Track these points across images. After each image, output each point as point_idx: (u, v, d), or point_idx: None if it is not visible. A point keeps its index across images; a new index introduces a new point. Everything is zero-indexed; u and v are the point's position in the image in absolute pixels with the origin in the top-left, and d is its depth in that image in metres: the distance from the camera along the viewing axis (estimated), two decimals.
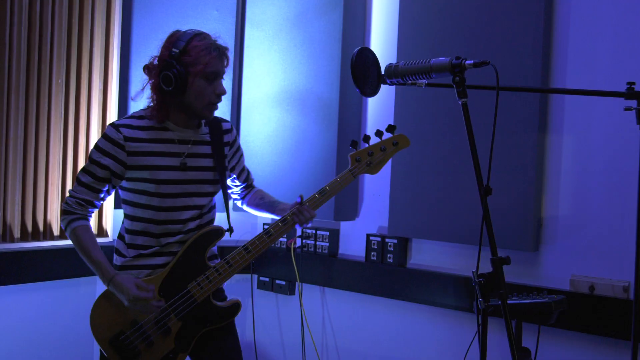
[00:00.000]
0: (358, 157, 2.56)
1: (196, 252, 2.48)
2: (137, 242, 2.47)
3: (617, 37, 2.90)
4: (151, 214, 2.43)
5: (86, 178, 2.41)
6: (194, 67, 2.34)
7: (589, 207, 2.96)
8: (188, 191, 2.46)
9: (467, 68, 1.76)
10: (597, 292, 2.87)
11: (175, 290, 2.44)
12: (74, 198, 2.42)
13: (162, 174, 2.40)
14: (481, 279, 1.68)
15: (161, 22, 3.77)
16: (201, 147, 2.52)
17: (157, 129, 2.43)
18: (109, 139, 2.38)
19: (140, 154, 2.38)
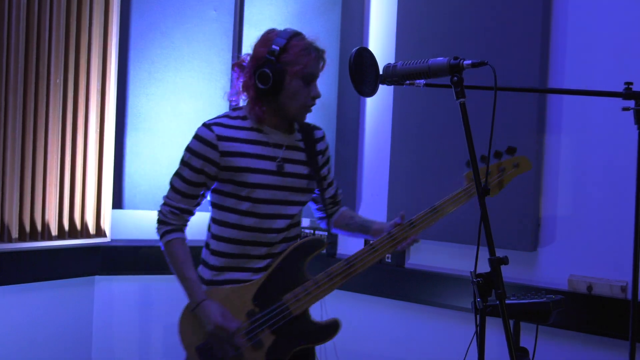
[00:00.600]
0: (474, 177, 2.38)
1: (295, 262, 2.29)
2: (222, 250, 2.30)
3: (614, 37, 2.91)
4: (239, 219, 2.26)
5: (179, 184, 2.27)
6: (292, 66, 2.19)
7: (587, 208, 2.96)
8: (282, 198, 2.29)
9: (465, 68, 1.76)
10: (595, 292, 2.88)
11: (270, 301, 2.26)
12: (168, 206, 2.28)
13: (257, 177, 2.23)
14: (479, 279, 1.68)
15: (159, 22, 3.77)
16: (295, 152, 2.34)
17: (251, 130, 2.28)
18: (200, 139, 2.24)
19: (234, 154, 2.23)
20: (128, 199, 3.76)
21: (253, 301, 2.25)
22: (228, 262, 2.29)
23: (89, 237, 3.62)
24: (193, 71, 3.84)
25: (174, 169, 3.75)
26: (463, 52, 1.91)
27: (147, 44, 3.77)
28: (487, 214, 1.69)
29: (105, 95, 3.67)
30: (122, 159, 3.75)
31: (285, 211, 2.30)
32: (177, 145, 3.79)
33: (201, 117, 3.83)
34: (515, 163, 2.39)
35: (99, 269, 3.77)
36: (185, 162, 2.27)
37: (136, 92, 3.77)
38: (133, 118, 3.77)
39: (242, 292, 2.25)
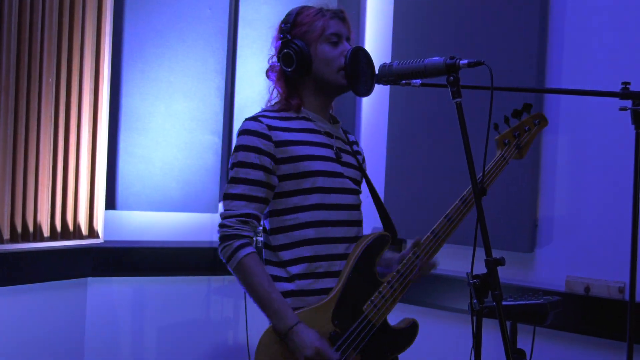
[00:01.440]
0: (506, 140, 2.27)
1: (366, 266, 2.07)
2: (300, 255, 2.03)
3: (612, 36, 2.92)
4: (311, 215, 2.03)
5: (239, 188, 1.99)
6: (312, 33, 2.06)
7: (585, 208, 2.97)
8: (348, 186, 2.12)
9: (461, 68, 1.76)
10: (593, 293, 2.89)
11: (351, 317, 2.02)
12: (233, 217, 1.97)
13: (319, 165, 2.04)
14: (476, 280, 1.69)
15: (153, 21, 3.77)
16: (343, 144, 2.19)
17: (297, 119, 2.10)
18: (251, 132, 2.01)
19: (288, 143, 2.02)
20: (121, 200, 3.75)
21: (333, 321, 2.00)
22: (312, 267, 2.03)
23: (82, 238, 3.61)
24: (187, 70, 3.84)
25: (168, 169, 3.80)
26: (460, 52, 1.91)
27: (140, 43, 3.77)
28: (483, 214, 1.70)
29: (99, 94, 3.66)
30: (115, 159, 3.74)
31: (354, 201, 2.15)
32: (171, 146, 3.82)
33: (195, 117, 3.87)
34: (537, 120, 2.35)
35: (91, 271, 3.76)
36: (238, 162, 2.01)
37: (130, 91, 3.77)
38: (126, 118, 3.76)
39: (320, 313, 1.99)
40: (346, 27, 2.14)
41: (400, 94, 3.46)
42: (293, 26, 2.09)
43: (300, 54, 2.05)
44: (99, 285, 3.84)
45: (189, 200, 3.86)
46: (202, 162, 3.88)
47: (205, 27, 3.87)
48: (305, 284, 2.02)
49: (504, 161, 2.25)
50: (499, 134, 2.29)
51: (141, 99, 3.78)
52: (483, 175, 2.06)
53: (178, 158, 3.84)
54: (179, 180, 3.83)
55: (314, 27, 2.07)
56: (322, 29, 2.07)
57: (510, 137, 2.30)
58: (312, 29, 2.07)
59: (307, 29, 2.07)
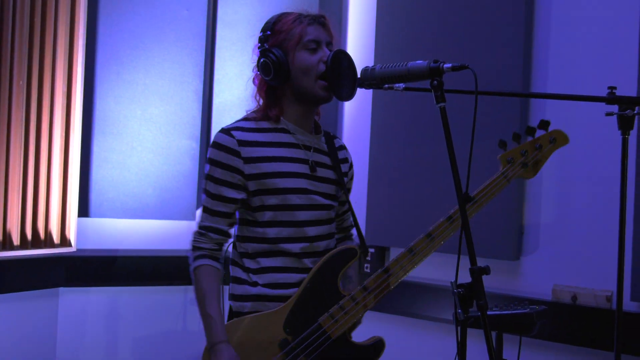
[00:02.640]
0: (510, 158, 2.24)
1: (326, 277, 2.11)
2: (264, 266, 2.11)
3: (598, 40, 2.95)
4: (277, 231, 2.10)
5: (206, 201, 2.10)
6: (289, 41, 2.06)
7: (571, 215, 2.99)
8: (317, 202, 2.14)
9: (445, 72, 1.77)
10: (580, 302, 2.90)
11: (304, 326, 2.08)
12: (197, 229, 2.13)
13: (289, 182, 2.08)
14: (460, 289, 1.69)
15: (128, 22, 3.76)
16: (323, 156, 2.20)
17: (274, 131, 2.12)
18: (219, 147, 2.07)
19: (259, 159, 2.07)
20: (95, 207, 3.73)
21: (285, 329, 2.07)
22: (276, 278, 2.10)
23: (53, 246, 3.58)
24: (164, 73, 3.83)
25: (143, 175, 3.78)
26: (444, 55, 1.92)
27: (115, 44, 3.75)
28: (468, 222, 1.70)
29: (72, 97, 3.64)
30: (89, 164, 3.72)
31: (323, 216, 2.17)
32: (147, 151, 3.80)
33: (172, 121, 3.85)
34: (552, 137, 2.28)
35: (63, 281, 3.73)
36: (207, 175, 2.10)
37: (104, 94, 3.75)
38: (100, 122, 3.74)
39: (271, 320, 2.07)
40: (327, 33, 2.13)
41: (383, 98, 3.47)
42: (272, 34, 2.10)
43: (277, 63, 2.06)
44: (72, 296, 3.80)
45: (165, 207, 3.84)
46: (179, 168, 3.86)
47: (182, 28, 3.86)
48: (265, 292, 2.10)
49: (505, 179, 2.22)
50: (504, 151, 2.25)
51: (116, 103, 3.76)
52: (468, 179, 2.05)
53: (154, 164, 3.82)
54: (155, 187, 3.81)
55: (292, 35, 2.08)
56: (299, 36, 2.07)
57: (516, 155, 2.25)
58: (290, 36, 2.08)
59: (285, 36, 2.08)
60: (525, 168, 2.26)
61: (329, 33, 2.15)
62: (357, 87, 2.05)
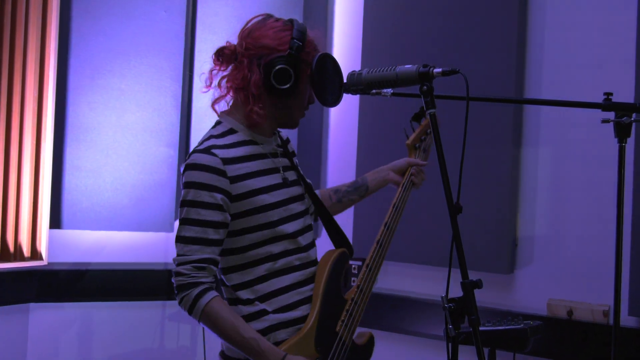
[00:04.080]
0: (417, 145, 2.41)
1: (334, 287, 2.14)
2: (264, 291, 2.05)
3: (594, 44, 2.97)
4: (269, 249, 2.05)
5: (192, 231, 1.94)
6: (307, 68, 2.04)
7: (567, 227, 3.00)
8: (297, 211, 2.13)
9: (435, 77, 1.77)
10: (576, 317, 2.91)
11: (329, 340, 2.08)
12: (189, 264, 1.93)
13: (270, 197, 2.04)
14: (451, 304, 1.69)
15: (103, 23, 3.74)
16: (283, 159, 2.19)
17: (245, 144, 2.06)
18: (203, 167, 1.95)
19: (242, 177, 2.00)
20: (67, 218, 3.70)
21: (316, 347, 2.06)
22: (282, 301, 2.07)
23: (23, 260, 3.55)
24: (140, 77, 3.81)
25: (119, 185, 3.76)
26: (434, 60, 1.93)
27: (89, 47, 3.74)
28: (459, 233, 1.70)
29: (43, 103, 3.62)
30: (61, 173, 3.70)
31: (307, 222, 2.18)
32: (122, 159, 3.78)
33: (149, 128, 3.84)
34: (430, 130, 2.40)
35: (34, 296, 3.70)
36: (190, 201, 1.95)
37: (77, 100, 3.73)
38: (73, 129, 3.72)
39: (304, 342, 2.04)
40: None
41: (371, 104, 3.47)
42: (302, 47, 2.03)
43: (296, 80, 2.01)
44: (43, 312, 3.77)
45: (141, 219, 3.82)
46: (157, 177, 3.85)
47: (160, 30, 3.85)
48: (278, 318, 2.05)
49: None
50: (409, 138, 2.40)
51: (90, 108, 3.74)
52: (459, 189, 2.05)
53: (130, 172, 3.80)
54: (130, 197, 3.79)
55: (310, 62, 2.04)
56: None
57: (417, 140, 2.42)
58: (310, 63, 2.04)
59: (308, 60, 2.04)
60: (425, 152, 2.43)
61: None
62: (344, 92, 2.06)
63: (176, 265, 1.96)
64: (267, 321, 2.04)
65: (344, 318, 2.12)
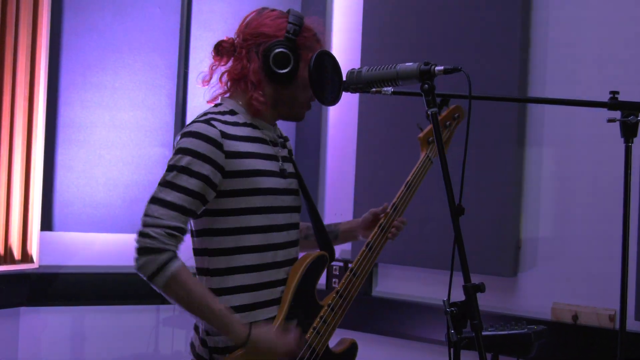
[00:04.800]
0: (430, 138, 2.34)
1: (306, 291, 2.09)
2: (243, 283, 2.02)
3: (599, 42, 2.97)
4: (261, 238, 2.03)
5: (174, 195, 1.91)
6: (307, 52, 2.05)
7: (572, 228, 3.00)
8: (290, 204, 2.12)
9: (436, 75, 1.77)
10: (581, 321, 2.91)
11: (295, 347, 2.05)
12: (160, 227, 1.89)
13: (269, 181, 2.03)
14: (453, 308, 1.69)
15: (96, 20, 3.74)
16: (283, 149, 2.18)
17: (244, 126, 2.06)
18: (202, 137, 1.93)
19: (239, 155, 1.98)
20: (59, 220, 3.70)
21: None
22: (255, 297, 2.03)
23: (14, 263, 3.55)
24: (134, 75, 3.81)
25: (112, 186, 3.76)
26: (435, 57, 1.93)
27: (81, 45, 3.74)
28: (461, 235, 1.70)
29: (34, 101, 3.62)
30: (53, 173, 3.69)
31: (293, 219, 2.15)
32: (115, 159, 3.78)
33: (143, 127, 3.84)
34: (457, 114, 2.40)
35: (25, 300, 3.70)
36: (182, 167, 1.91)
37: (69, 98, 3.73)
38: (65, 128, 3.72)
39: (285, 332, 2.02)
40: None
41: (371, 102, 3.48)
42: (300, 31, 2.06)
43: (293, 65, 2.04)
44: (34, 316, 3.77)
45: (135, 220, 3.76)
46: (151, 178, 3.84)
47: (154, 27, 3.85)
48: (247, 317, 2.00)
49: (429, 162, 2.34)
50: (422, 132, 2.36)
51: (82, 107, 3.74)
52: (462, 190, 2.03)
53: (123, 173, 3.80)
54: (124, 198, 3.79)
55: (312, 48, 2.07)
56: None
57: (432, 134, 2.29)
58: (310, 48, 2.07)
59: (308, 45, 2.07)
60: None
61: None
62: (343, 91, 2.06)
63: (144, 225, 1.93)
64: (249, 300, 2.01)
65: (316, 325, 2.08)
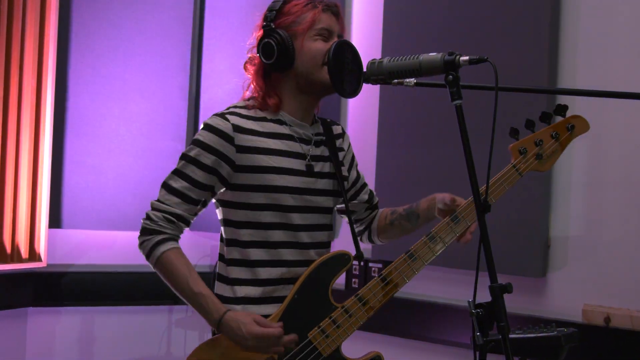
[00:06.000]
0: (522, 149, 2.20)
1: (315, 288, 2.12)
2: (250, 277, 2.11)
3: (633, 30, 2.95)
4: (267, 235, 2.11)
5: (180, 183, 2.07)
6: (299, 25, 2.09)
7: (603, 226, 2.99)
8: (314, 204, 2.17)
9: (461, 65, 1.77)
10: (614, 323, 2.90)
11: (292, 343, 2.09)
12: (161, 212, 2.06)
13: (285, 179, 2.10)
14: (479, 310, 1.69)
15: (105, 11, 3.76)
16: (319, 148, 2.22)
17: (270, 122, 2.14)
18: (213, 130, 2.06)
19: (252, 150, 2.07)
20: (67, 217, 3.72)
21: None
22: (264, 292, 2.11)
23: (21, 261, 3.58)
24: (145, 67, 3.83)
25: (122, 181, 3.78)
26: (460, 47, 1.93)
27: (91, 35, 3.76)
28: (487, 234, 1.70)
29: (41, 94, 3.64)
30: (61, 169, 3.72)
31: (323, 220, 2.20)
32: (126, 154, 3.80)
33: (154, 120, 3.86)
34: (570, 125, 2.25)
35: (32, 300, 3.73)
36: (191, 157, 2.07)
37: (78, 90, 3.75)
38: (74, 121, 3.75)
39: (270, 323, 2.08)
40: (339, 24, 2.17)
41: (392, 94, 3.47)
42: (279, 14, 2.12)
43: (282, 45, 2.08)
44: (41, 317, 3.80)
45: None
46: (162, 173, 3.82)
47: (166, 17, 3.87)
48: (254, 309, 2.09)
49: (516, 173, 2.19)
50: (517, 140, 2.22)
51: (91, 100, 3.77)
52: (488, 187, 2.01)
53: (134, 168, 3.82)
54: (135, 194, 3.81)
55: (302, 19, 2.10)
56: (312, 21, 2.10)
57: (530, 145, 2.22)
58: (300, 20, 2.10)
59: (295, 19, 2.10)
60: (540, 160, 2.23)
61: (342, 25, 2.19)
62: (363, 82, 2.06)
63: (151, 208, 2.11)
64: (241, 308, 2.09)
65: (324, 325, 2.10)
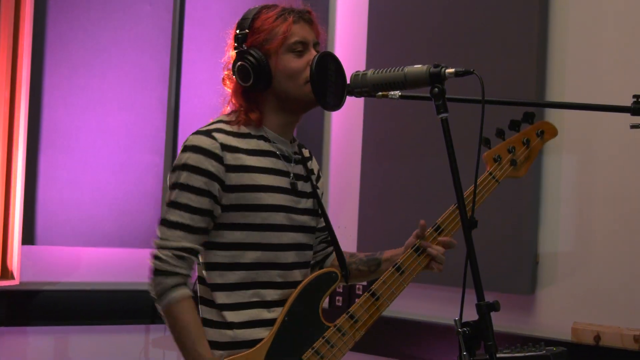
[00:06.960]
0: (496, 156, 2.25)
1: (307, 307, 2.11)
2: (236, 301, 2.08)
3: (621, 44, 2.98)
4: (256, 256, 2.07)
5: (178, 215, 2.01)
6: (271, 42, 2.07)
7: (593, 242, 3.00)
8: (301, 223, 2.16)
9: (447, 77, 1.78)
10: (604, 342, 2.91)
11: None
12: (168, 249, 2.00)
13: (273, 198, 2.08)
14: (465, 328, 1.69)
15: (81, 19, 3.75)
16: (299, 166, 2.22)
17: (255, 138, 2.12)
18: (199, 150, 2.02)
19: (242, 168, 2.05)
20: (41, 233, 3.70)
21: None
22: (252, 315, 2.08)
23: None
24: (123, 78, 3.82)
25: (99, 196, 3.76)
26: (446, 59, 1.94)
27: (66, 45, 3.75)
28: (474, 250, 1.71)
29: (15, 105, 3.62)
30: (35, 183, 3.70)
31: (307, 240, 2.20)
32: (102, 167, 3.79)
33: (132, 133, 3.85)
34: (540, 131, 2.31)
35: (4, 319, 3.70)
36: (181, 184, 2.02)
37: (53, 102, 3.74)
38: (49, 134, 3.73)
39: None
40: (314, 32, 2.15)
41: (377, 106, 3.49)
42: (250, 33, 2.10)
43: (257, 68, 2.07)
44: (14, 337, 3.77)
45: (124, 234, 3.82)
46: (141, 188, 3.85)
47: (144, 26, 3.86)
48: (245, 334, 2.07)
49: (493, 180, 2.23)
50: (489, 149, 2.27)
51: (66, 112, 3.75)
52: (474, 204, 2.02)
53: (111, 182, 3.80)
54: (112, 209, 3.80)
55: (274, 34, 2.08)
56: (283, 36, 2.08)
57: (503, 152, 2.28)
58: (272, 36, 2.08)
59: (266, 36, 2.08)
60: (515, 166, 2.28)
61: (316, 31, 2.17)
62: (347, 94, 2.07)
63: (156, 247, 2.03)
64: (228, 336, 2.06)
65: (317, 346, 2.09)
